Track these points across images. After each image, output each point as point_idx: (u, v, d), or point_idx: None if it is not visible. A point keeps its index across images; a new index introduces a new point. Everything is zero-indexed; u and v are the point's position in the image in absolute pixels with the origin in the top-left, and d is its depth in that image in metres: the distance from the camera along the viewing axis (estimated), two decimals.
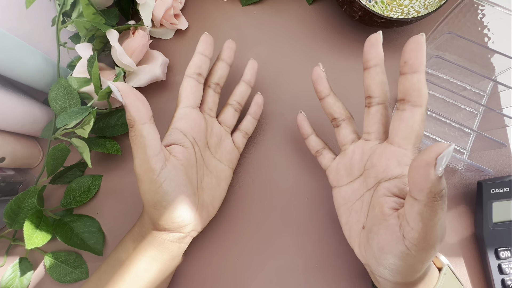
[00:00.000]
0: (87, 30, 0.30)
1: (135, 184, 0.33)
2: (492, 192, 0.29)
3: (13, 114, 0.29)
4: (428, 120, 0.33)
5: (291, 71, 0.35)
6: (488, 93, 0.33)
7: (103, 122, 0.32)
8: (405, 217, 0.18)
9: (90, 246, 0.30)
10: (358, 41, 0.36)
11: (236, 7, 0.37)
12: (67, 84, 0.30)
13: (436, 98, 0.33)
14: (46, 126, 0.32)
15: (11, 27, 0.34)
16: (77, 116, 0.27)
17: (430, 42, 0.33)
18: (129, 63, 0.30)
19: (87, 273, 0.30)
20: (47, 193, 0.32)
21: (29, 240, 0.26)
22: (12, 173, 0.31)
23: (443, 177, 0.16)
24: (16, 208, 0.28)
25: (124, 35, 0.33)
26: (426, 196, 0.16)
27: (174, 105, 0.34)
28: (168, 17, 0.34)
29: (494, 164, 0.32)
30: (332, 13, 0.37)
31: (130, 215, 0.32)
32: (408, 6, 0.34)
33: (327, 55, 0.35)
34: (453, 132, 0.33)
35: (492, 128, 0.32)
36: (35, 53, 0.29)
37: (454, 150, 0.32)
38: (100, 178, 0.32)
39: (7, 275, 0.29)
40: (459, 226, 0.31)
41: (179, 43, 0.36)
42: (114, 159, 0.33)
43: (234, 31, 0.37)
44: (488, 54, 0.31)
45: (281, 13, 0.37)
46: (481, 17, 0.31)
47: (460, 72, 0.34)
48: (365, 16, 0.30)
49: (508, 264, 0.28)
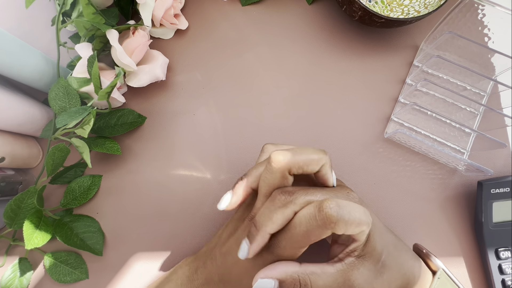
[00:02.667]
0: (87, 30, 0.30)
1: (135, 184, 0.33)
2: (492, 192, 0.29)
3: (13, 114, 0.29)
4: (428, 120, 0.33)
5: (291, 71, 0.35)
6: (488, 93, 0.33)
7: (103, 122, 0.32)
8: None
9: (90, 246, 0.30)
10: (358, 41, 0.36)
11: (236, 7, 0.37)
12: (67, 84, 0.30)
13: (436, 98, 0.33)
14: (46, 126, 0.32)
15: (11, 26, 0.33)
16: (77, 116, 0.27)
17: (430, 42, 0.33)
18: (129, 63, 0.30)
19: (87, 273, 0.30)
20: (46, 193, 0.32)
21: (28, 240, 0.26)
22: (12, 173, 0.31)
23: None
24: (15, 208, 0.28)
25: (124, 35, 0.33)
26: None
27: (174, 105, 0.34)
28: (168, 17, 0.34)
29: (494, 164, 0.32)
30: (332, 13, 0.37)
31: (130, 215, 0.32)
32: (408, 6, 0.34)
33: (327, 55, 0.35)
34: (453, 132, 0.33)
35: (492, 128, 0.32)
36: (35, 53, 0.29)
37: (454, 150, 0.32)
38: (100, 178, 0.32)
39: (6, 275, 0.29)
40: (459, 226, 0.31)
41: (179, 43, 0.36)
42: (114, 159, 0.33)
43: (234, 31, 0.37)
44: (488, 54, 0.31)
45: (281, 13, 0.37)
46: (481, 16, 0.31)
47: (460, 72, 0.34)
48: (365, 16, 0.30)
49: (508, 264, 0.28)
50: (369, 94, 0.34)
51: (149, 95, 0.35)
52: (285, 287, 0.19)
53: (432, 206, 0.31)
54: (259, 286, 0.19)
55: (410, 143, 0.32)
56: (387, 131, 0.33)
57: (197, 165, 0.33)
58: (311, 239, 0.19)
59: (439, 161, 0.32)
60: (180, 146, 0.33)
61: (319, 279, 0.19)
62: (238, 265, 0.22)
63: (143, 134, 0.34)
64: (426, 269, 0.23)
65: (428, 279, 0.23)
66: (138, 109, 0.34)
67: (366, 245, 0.20)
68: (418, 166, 0.32)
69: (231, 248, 0.23)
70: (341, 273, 0.19)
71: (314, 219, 0.18)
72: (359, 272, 0.19)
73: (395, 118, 0.33)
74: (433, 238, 0.30)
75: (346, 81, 0.35)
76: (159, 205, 0.32)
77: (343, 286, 0.19)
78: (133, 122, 0.33)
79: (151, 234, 0.31)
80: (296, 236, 0.19)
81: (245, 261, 0.22)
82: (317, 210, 0.18)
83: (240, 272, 0.22)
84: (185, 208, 0.32)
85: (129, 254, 0.31)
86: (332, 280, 0.19)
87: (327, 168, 0.21)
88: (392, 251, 0.21)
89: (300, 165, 0.20)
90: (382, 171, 0.32)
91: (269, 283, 0.19)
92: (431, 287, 0.22)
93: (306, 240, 0.19)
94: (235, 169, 0.33)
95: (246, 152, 0.33)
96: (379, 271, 0.20)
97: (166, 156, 0.33)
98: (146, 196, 0.32)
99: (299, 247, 0.19)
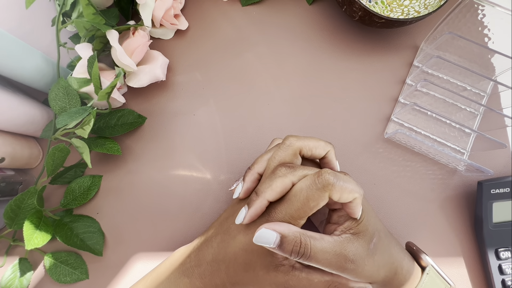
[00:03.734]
0: (87, 30, 0.30)
1: (135, 184, 0.33)
2: (492, 192, 0.29)
3: (13, 114, 0.29)
4: (428, 120, 0.33)
5: (291, 71, 0.35)
6: (488, 93, 0.33)
7: (103, 122, 0.32)
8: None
9: (90, 246, 0.30)
10: (358, 41, 0.36)
11: (236, 7, 0.37)
12: (67, 84, 0.30)
13: (436, 99, 0.33)
14: (46, 127, 0.32)
15: (11, 27, 0.33)
16: (77, 116, 0.27)
17: (430, 42, 0.33)
18: (129, 63, 0.30)
19: (87, 274, 0.30)
20: (47, 194, 0.32)
21: (29, 240, 0.26)
22: (12, 173, 0.31)
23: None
24: (16, 208, 0.28)
25: (124, 35, 0.33)
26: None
27: (174, 105, 0.34)
28: (168, 17, 0.34)
29: (494, 164, 0.32)
30: (332, 13, 0.37)
31: (130, 215, 0.32)
32: (408, 6, 0.34)
33: (327, 55, 0.35)
34: (453, 132, 0.33)
35: (492, 128, 0.32)
36: (35, 53, 0.29)
37: (454, 150, 0.32)
38: (100, 179, 0.32)
39: (7, 275, 0.29)
40: (459, 226, 0.31)
41: (179, 43, 0.36)
42: (114, 159, 0.33)
43: (234, 31, 0.37)
44: (488, 54, 0.31)
45: (281, 13, 0.37)
46: (481, 17, 0.31)
47: (460, 72, 0.34)
48: (365, 16, 0.30)
49: (508, 265, 0.28)
50: (369, 94, 0.34)
51: (149, 96, 0.35)
52: (285, 244, 0.19)
53: (432, 206, 0.31)
54: (261, 236, 0.19)
55: (410, 143, 0.32)
56: (387, 131, 0.33)
57: (197, 165, 0.33)
58: (310, 205, 0.20)
59: (439, 161, 0.32)
60: (180, 146, 0.33)
61: (318, 243, 0.20)
62: (234, 242, 0.22)
63: (143, 134, 0.34)
64: (415, 265, 0.24)
65: (418, 275, 0.24)
66: (138, 110, 0.34)
67: (359, 224, 0.21)
68: (418, 167, 0.32)
69: (229, 228, 0.23)
70: (338, 243, 0.20)
71: (314, 183, 0.20)
72: (353, 246, 0.20)
73: (395, 118, 0.33)
74: (433, 238, 0.30)
75: (346, 81, 0.35)
76: (159, 205, 0.32)
77: (338, 256, 0.20)
78: (133, 122, 0.33)
79: (151, 234, 0.31)
80: (296, 203, 0.20)
81: (241, 238, 0.22)
82: (316, 176, 0.20)
83: (235, 250, 0.22)
84: (185, 208, 0.32)
85: (129, 254, 0.31)
86: (329, 247, 0.20)
87: (332, 154, 0.24)
88: (383, 238, 0.23)
89: (310, 147, 0.23)
90: (382, 171, 0.32)
91: (272, 235, 0.19)
92: (421, 281, 0.23)
93: (305, 207, 0.20)
94: (235, 169, 0.33)
95: (246, 152, 0.33)
96: (371, 252, 0.21)
97: (166, 156, 0.33)
98: (146, 196, 0.32)
99: (298, 217, 0.20)
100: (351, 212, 0.21)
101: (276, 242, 0.19)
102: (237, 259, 0.22)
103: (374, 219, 0.23)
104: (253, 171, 0.24)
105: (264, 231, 0.19)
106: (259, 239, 0.19)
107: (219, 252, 0.23)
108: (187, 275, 0.24)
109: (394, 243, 0.24)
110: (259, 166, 0.24)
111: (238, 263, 0.22)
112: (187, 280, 0.24)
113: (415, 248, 0.26)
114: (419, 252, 0.25)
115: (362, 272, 0.20)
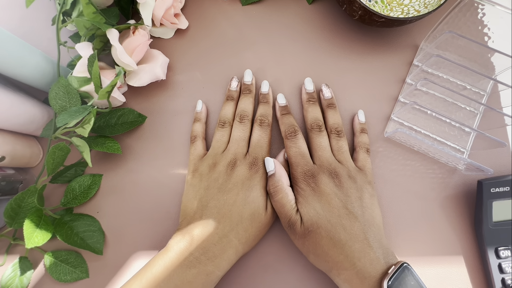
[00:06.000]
0: (87, 29, 0.30)
1: (135, 183, 0.33)
2: (492, 191, 0.29)
3: (14, 113, 0.29)
4: (428, 119, 0.33)
5: (291, 71, 0.35)
6: (488, 92, 0.33)
7: (103, 121, 0.32)
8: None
9: (90, 245, 0.30)
10: (358, 40, 0.36)
11: (236, 6, 0.37)
12: (67, 83, 0.30)
13: (436, 98, 0.33)
14: (46, 125, 0.32)
15: (11, 26, 0.34)
16: (77, 115, 0.27)
17: (430, 41, 0.33)
18: (129, 62, 0.30)
19: (87, 272, 0.30)
20: (47, 192, 0.32)
21: (29, 239, 0.26)
22: (12, 172, 0.31)
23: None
24: (16, 207, 0.28)
25: (124, 35, 0.33)
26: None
27: (175, 104, 0.35)
28: (168, 16, 0.34)
29: (494, 163, 0.32)
30: (332, 12, 0.37)
31: (130, 214, 0.32)
32: (408, 5, 0.34)
33: (327, 55, 0.36)
34: (453, 131, 0.33)
35: (492, 127, 0.32)
36: (35, 52, 0.29)
37: (454, 149, 0.32)
38: (100, 178, 0.32)
39: (7, 274, 0.29)
40: (459, 225, 0.31)
41: (179, 43, 0.36)
42: (114, 158, 0.33)
43: (234, 30, 0.37)
44: (488, 53, 0.31)
45: (281, 13, 0.37)
46: (481, 16, 0.31)
47: (460, 72, 0.34)
48: (365, 16, 0.30)
49: (508, 263, 0.28)
50: (369, 93, 0.34)
51: (149, 95, 0.35)
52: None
53: (432, 205, 0.31)
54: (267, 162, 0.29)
55: (410, 142, 0.32)
56: (387, 130, 0.33)
57: None
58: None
59: (439, 160, 0.32)
60: (180, 145, 0.33)
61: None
62: (235, 204, 0.27)
63: (143, 133, 0.34)
64: (391, 252, 0.25)
65: (390, 261, 0.24)
66: (139, 109, 0.34)
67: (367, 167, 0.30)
68: (418, 165, 0.32)
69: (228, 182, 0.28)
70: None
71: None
72: (354, 169, 0.29)
73: (395, 117, 0.33)
74: (433, 237, 0.30)
75: (346, 80, 0.35)
76: (159, 204, 0.32)
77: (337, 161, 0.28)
78: (133, 121, 0.33)
79: (151, 233, 0.31)
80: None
81: (240, 197, 0.27)
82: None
83: (238, 209, 0.27)
84: None
85: (129, 253, 0.31)
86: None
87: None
88: (375, 210, 0.27)
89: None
90: (382, 170, 0.32)
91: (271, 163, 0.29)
92: (391, 272, 0.23)
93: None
94: None
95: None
96: (360, 197, 0.27)
97: (166, 155, 0.33)
98: (146, 195, 0.32)
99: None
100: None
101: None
102: (242, 216, 0.26)
103: (375, 196, 0.29)
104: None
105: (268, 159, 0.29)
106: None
107: (224, 227, 0.26)
108: (192, 266, 0.25)
109: (382, 229, 0.27)
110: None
111: (245, 218, 0.26)
112: (194, 270, 0.25)
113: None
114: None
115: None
